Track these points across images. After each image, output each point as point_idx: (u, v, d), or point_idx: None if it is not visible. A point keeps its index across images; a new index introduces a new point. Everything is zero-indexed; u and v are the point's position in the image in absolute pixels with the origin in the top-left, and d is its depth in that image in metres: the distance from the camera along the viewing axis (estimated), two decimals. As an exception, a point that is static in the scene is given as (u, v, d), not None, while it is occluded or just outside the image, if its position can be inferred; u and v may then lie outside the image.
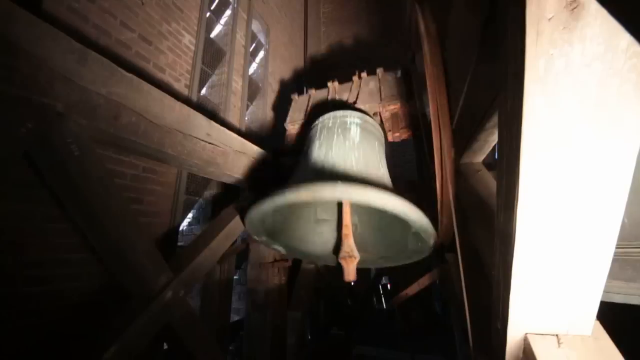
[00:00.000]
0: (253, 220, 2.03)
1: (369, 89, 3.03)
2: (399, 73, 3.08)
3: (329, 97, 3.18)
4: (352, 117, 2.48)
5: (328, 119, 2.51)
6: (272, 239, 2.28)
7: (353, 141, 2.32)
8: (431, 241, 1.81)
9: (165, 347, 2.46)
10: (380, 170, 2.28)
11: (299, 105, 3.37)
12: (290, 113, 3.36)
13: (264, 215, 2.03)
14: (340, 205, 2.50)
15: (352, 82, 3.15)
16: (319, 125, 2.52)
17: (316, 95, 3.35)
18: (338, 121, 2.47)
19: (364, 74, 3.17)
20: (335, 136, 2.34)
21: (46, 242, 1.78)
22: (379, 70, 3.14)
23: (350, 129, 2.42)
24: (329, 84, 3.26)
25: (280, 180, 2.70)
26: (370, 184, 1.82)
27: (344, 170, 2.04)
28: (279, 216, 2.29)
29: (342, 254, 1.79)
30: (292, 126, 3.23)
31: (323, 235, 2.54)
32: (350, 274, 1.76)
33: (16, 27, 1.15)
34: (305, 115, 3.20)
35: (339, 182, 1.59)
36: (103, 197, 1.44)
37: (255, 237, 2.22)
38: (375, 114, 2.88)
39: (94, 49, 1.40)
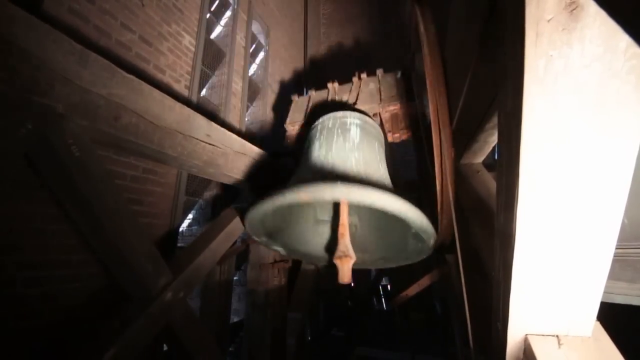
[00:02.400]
0: (253, 221, 2.02)
1: (369, 90, 3.06)
2: (399, 74, 3.08)
3: (329, 98, 3.19)
4: (352, 118, 2.47)
5: (328, 119, 2.51)
6: (272, 239, 2.28)
7: (353, 142, 2.33)
8: (431, 241, 1.78)
9: (165, 348, 2.46)
10: (380, 170, 2.28)
11: (299, 106, 3.37)
12: (290, 114, 3.36)
13: (263, 216, 2.02)
14: (338, 205, 2.52)
15: (352, 83, 3.17)
16: (319, 126, 2.51)
17: (316, 96, 3.36)
18: (338, 122, 2.46)
19: (363, 75, 3.17)
20: (335, 137, 2.35)
21: (46, 243, 1.78)
22: (379, 72, 3.16)
23: (350, 129, 2.42)
24: (329, 84, 3.27)
25: (279, 181, 2.72)
26: (370, 184, 1.83)
27: (343, 171, 2.06)
28: (278, 217, 2.28)
29: (337, 253, 1.70)
30: (292, 127, 3.24)
31: (323, 235, 2.51)
32: (345, 275, 1.64)
33: (16, 28, 1.15)
34: (305, 115, 3.20)
35: (339, 182, 1.60)
36: (103, 198, 1.44)
37: (256, 238, 2.21)
38: (375, 114, 2.88)
39: (95, 50, 1.40)
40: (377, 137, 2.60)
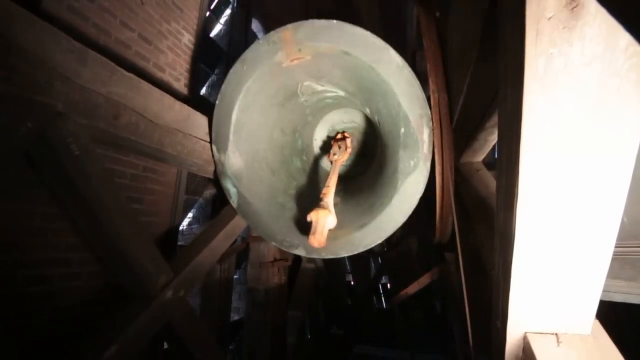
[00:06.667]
0: (221, 113, 1.77)
1: None
2: None
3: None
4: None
5: None
6: (233, 174, 1.94)
7: None
8: (425, 135, 1.58)
9: (166, 346, 2.46)
10: None
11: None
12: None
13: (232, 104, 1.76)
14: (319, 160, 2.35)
15: None
16: None
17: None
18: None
19: None
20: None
21: (46, 242, 1.78)
22: None
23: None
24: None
25: None
26: None
27: None
28: (250, 136, 1.95)
29: (315, 208, 1.40)
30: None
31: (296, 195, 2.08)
32: (318, 231, 1.31)
33: (15, 26, 1.15)
34: None
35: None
36: (103, 196, 1.44)
37: (214, 149, 1.91)
38: None
39: (94, 49, 1.40)
40: None
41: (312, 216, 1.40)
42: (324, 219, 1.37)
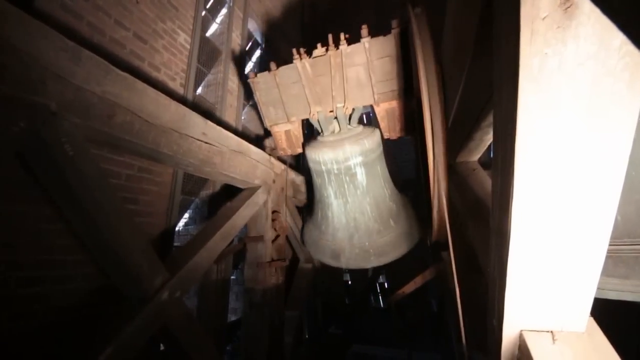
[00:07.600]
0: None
1: (356, 75, 2.48)
2: (393, 24, 2.28)
3: (306, 89, 2.58)
4: (354, 159, 2.68)
5: (331, 163, 2.74)
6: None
7: (362, 187, 2.78)
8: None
9: (162, 348, 2.45)
10: (386, 197, 2.91)
11: (268, 95, 2.83)
12: (263, 109, 2.92)
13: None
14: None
15: (329, 56, 2.47)
16: (324, 168, 2.80)
17: (282, 74, 2.66)
18: (342, 167, 2.72)
19: (343, 46, 2.37)
20: (345, 185, 2.78)
21: (40, 243, 1.76)
22: (365, 40, 2.32)
23: (356, 173, 2.74)
24: (296, 60, 2.49)
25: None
26: (385, 228, 2.91)
27: (364, 224, 2.89)
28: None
29: None
30: (278, 128, 3.02)
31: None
32: None
33: (7, 24, 1.13)
34: (284, 113, 2.87)
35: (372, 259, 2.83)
36: (97, 197, 1.43)
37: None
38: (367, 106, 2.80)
39: (88, 48, 1.38)
40: (377, 153, 2.84)
41: None
42: None
